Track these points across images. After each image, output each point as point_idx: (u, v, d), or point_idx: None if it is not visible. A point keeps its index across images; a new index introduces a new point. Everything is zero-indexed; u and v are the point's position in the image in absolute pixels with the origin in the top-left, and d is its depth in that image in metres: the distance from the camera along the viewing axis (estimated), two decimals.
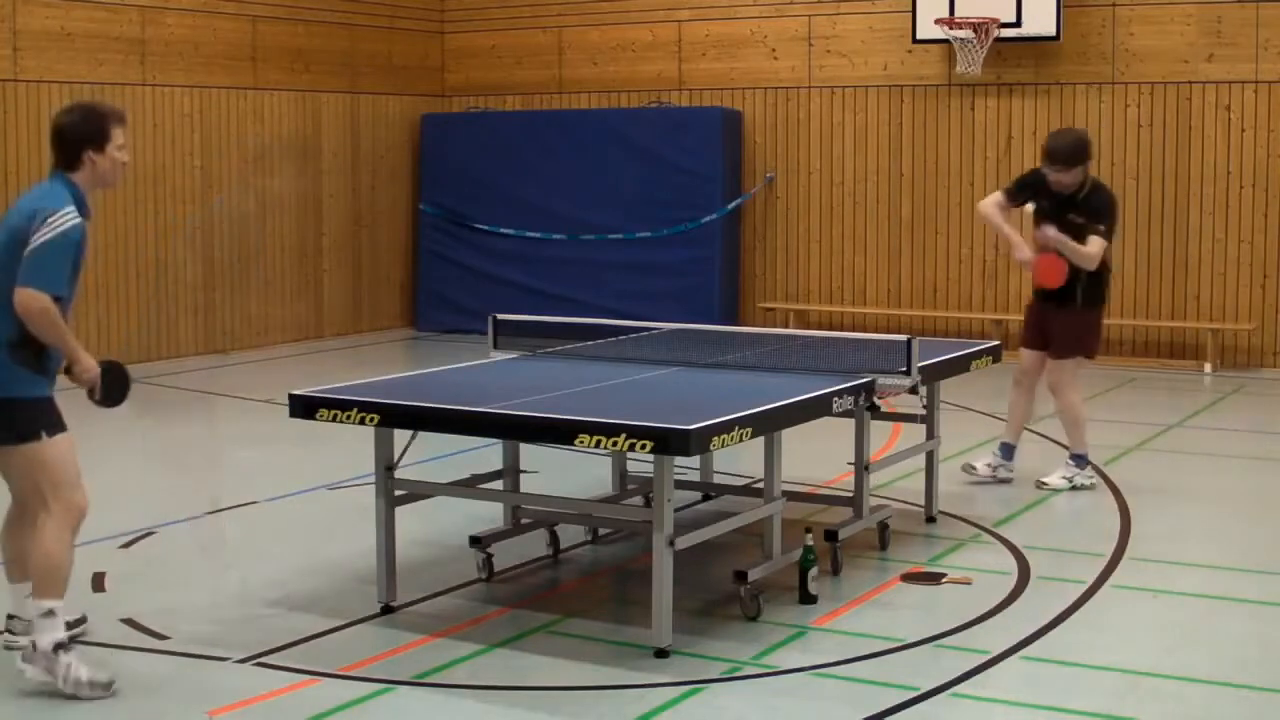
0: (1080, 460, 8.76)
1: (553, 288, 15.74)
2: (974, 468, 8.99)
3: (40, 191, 5.63)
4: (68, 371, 5.65)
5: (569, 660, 5.89)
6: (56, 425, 5.56)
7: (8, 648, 5.89)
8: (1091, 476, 8.82)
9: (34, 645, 5.50)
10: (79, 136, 5.61)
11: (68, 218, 5.46)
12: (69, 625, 5.89)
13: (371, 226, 16.55)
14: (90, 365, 5.64)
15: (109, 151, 5.64)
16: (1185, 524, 8.17)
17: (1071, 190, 8.54)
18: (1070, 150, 8.49)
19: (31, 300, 5.35)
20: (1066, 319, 8.69)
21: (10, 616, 5.97)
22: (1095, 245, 8.48)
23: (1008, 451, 9.05)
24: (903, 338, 6.94)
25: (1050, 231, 8.50)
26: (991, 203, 8.90)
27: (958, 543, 7.63)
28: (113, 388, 5.74)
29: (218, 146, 14.75)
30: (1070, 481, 8.72)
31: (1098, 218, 8.53)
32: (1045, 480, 8.73)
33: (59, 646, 5.48)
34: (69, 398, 5.74)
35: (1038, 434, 10.07)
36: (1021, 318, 9.04)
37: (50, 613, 5.48)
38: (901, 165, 15.00)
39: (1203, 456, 9.94)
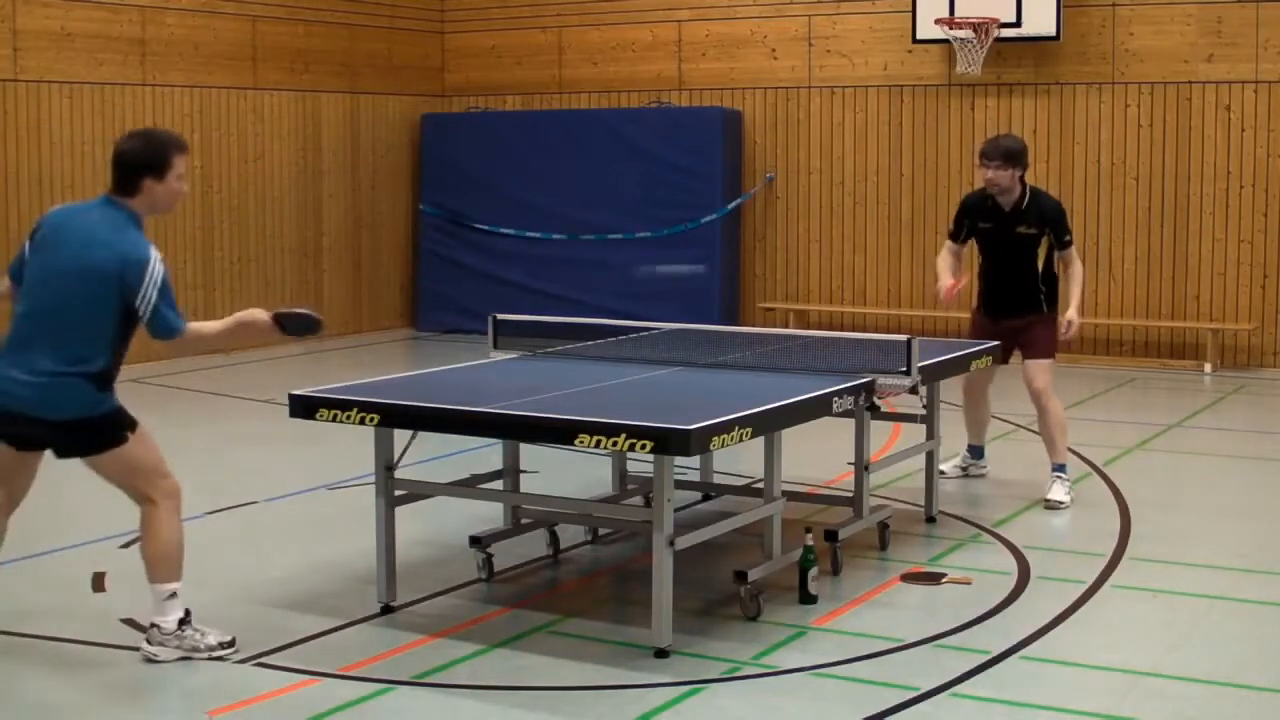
0: (1064, 469, 8.65)
1: (553, 288, 15.75)
2: (943, 471, 8.78)
3: (109, 225, 5.61)
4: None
5: (569, 660, 5.88)
6: (132, 423, 5.74)
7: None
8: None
9: (158, 630, 5.78)
10: (139, 164, 5.65)
11: (154, 259, 5.53)
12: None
13: (371, 226, 16.55)
14: (252, 320, 5.79)
15: (168, 180, 5.69)
16: (1185, 524, 8.17)
17: (1011, 200, 8.48)
18: (1005, 148, 8.42)
19: (177, 345, 5.62)
20: (1039, 325, 8.62)
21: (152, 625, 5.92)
22: (1076, 262, 8.62)
23: (977, 452, 9.11)
24: (903, 338, 6.93)
25: (1075, 323, 8.59)
26: (942, 258, 8.85)
27: (958, 543, 7.63)
28: (297, 327, 5.91)
29: (218, 146, 14.75)
30: (1068, 492, 8.59)
31: (1059, 228, 8.50)
32: (1053, 498, 8.43)
33: (183, 623, 5.80)
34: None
35: (1038, 434, 10.06)
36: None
37: (173, 595, 5.78)
38: (901, 165, 15.00)
39: (1203, 456, 9.94)
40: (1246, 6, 13.51)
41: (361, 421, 6.12)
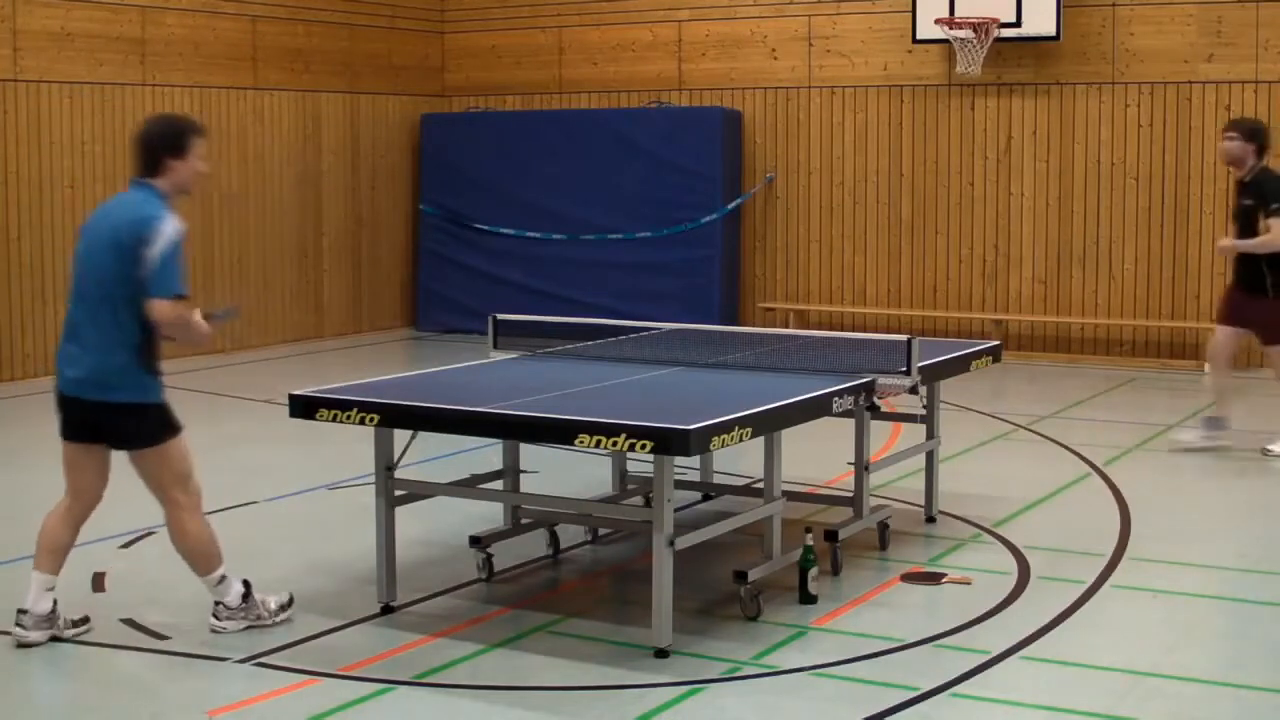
0: None
1: (553, 288, 15.75)
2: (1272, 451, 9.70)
3: (131, 202, 5.93)
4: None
5: (569, 660, 5.89)
6: (178, 425, 6.03)
7: (20, 645, 5.91)
8: None
9: (223, 607, 6.11)
10: (161, 144, 5.97)
11: (170, 222, 5.78)
12: (75, 624, 5.99)
13: (371, 226, 16.55)
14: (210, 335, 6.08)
15: (189, 159, 5.98)
16: (1185, 524, 8.17)
17: (1240, 172, 9.61)
18: (1249, 125, 9.74)
19: (166, 310, 5.73)
20: (1269, 307, 9.53)
21: (21, 611, 6.00)
22: (1273, 232, 9.39)
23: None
24: (903, 338, 6.93)
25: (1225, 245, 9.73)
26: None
27: (958, 543, 7.63)
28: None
29: (218, 146, 14.74)
30: None
31: (1268, 197, 9.42)
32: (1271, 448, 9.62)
33: (246, 596, 6.14)
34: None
35: (1038, 434, 10.08)
36: (1022, 317, 9.09)
37: (223, 578, 6.11)
38: (901, 165, 15.00)
39: (1203, 456, 9.93)
40: (1246, 6, 13.51)
41: (361, 421, 6.12)
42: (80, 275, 5.94)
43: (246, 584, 6.18)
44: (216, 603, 6.15)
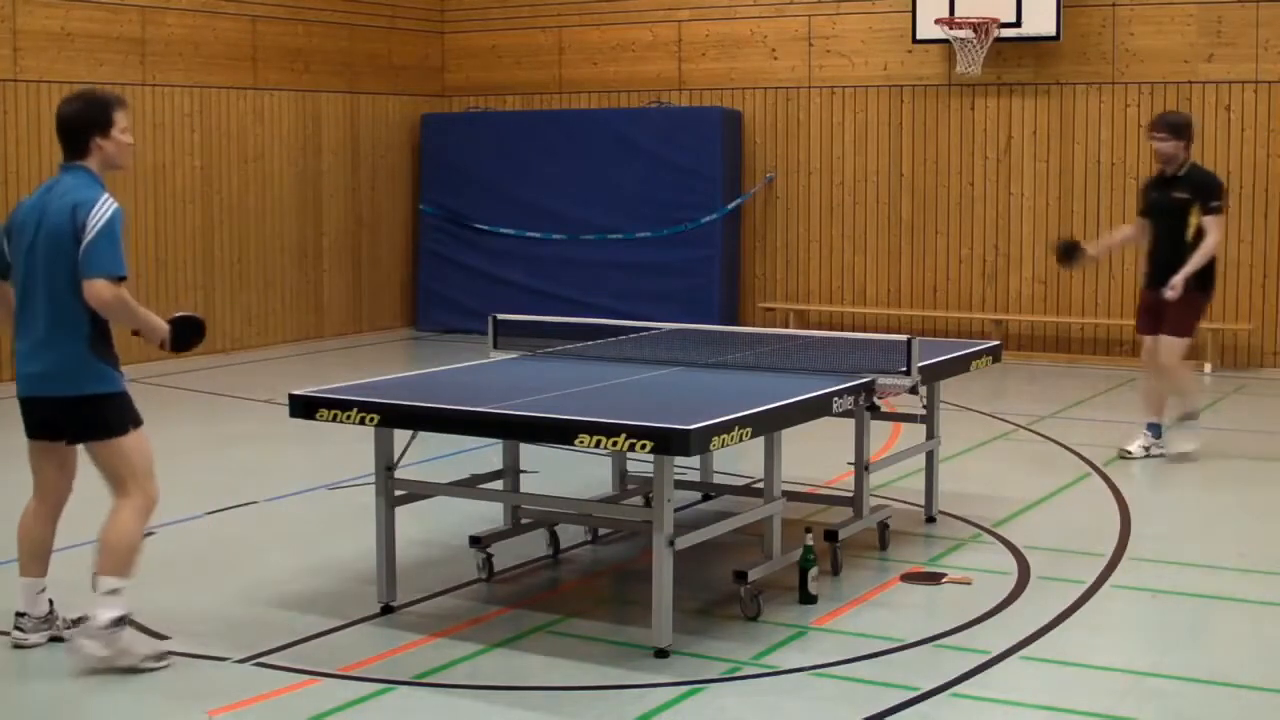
0: (1158, 430, 9.60)
1: (553, 288, 15.75)
2: (1130, 452, 9.54)
3: (66, 186, 5.76)
4: (135, 333, 5.89)
5: (569, 660, 5.88)
6: (138, 418, 5.84)
7: (16, 646, 5.91)
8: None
9: (89, 621, 5.66)
10: (84, 124, 5.80)
11: (108, 203, 5.66)
12: (73, 624, 5.94)
13: (371, 226, 16.55)
14: (160, 326, 5.86)
15: (114, 135, 5.81)
16: (1185, 524, 8.17)
17: (1173, 168, 9.34)
18: (1171, 120, 9.45)
19: (103, 290, 5.55)
20: (1178, 301, 9.27)
21: (19, 614, 5.98)
22: (1212, 233, 9.28)
23: (1157, 430, 9.67)
24: (903, 338, 6.93)
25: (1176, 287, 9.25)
26: (1120, 229, 9.80)
27: (958, 543, 7.63)
28: (183, 336, 5.98)
29: (218, 146, 14.75)
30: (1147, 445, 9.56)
31: (1208, 195, 9.34)
32: (1126, 447, 9.48)
33: (120, 621, 5.66)
34: None
35: (1038, 434, 10.07)
36: (1022, 317, 9.10)
37: (116, 591, 5.68)
38: (901, 165, 15.01)
39: (1202, 457, 9.93)
40: (1246, 6, 13.51)
41: (361, 421, 6.12)
42: (24, 271, 5.75)
43: (125, 615, 5.70)
44: (83, 616, 5.76)
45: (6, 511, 6.33)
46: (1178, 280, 9.17)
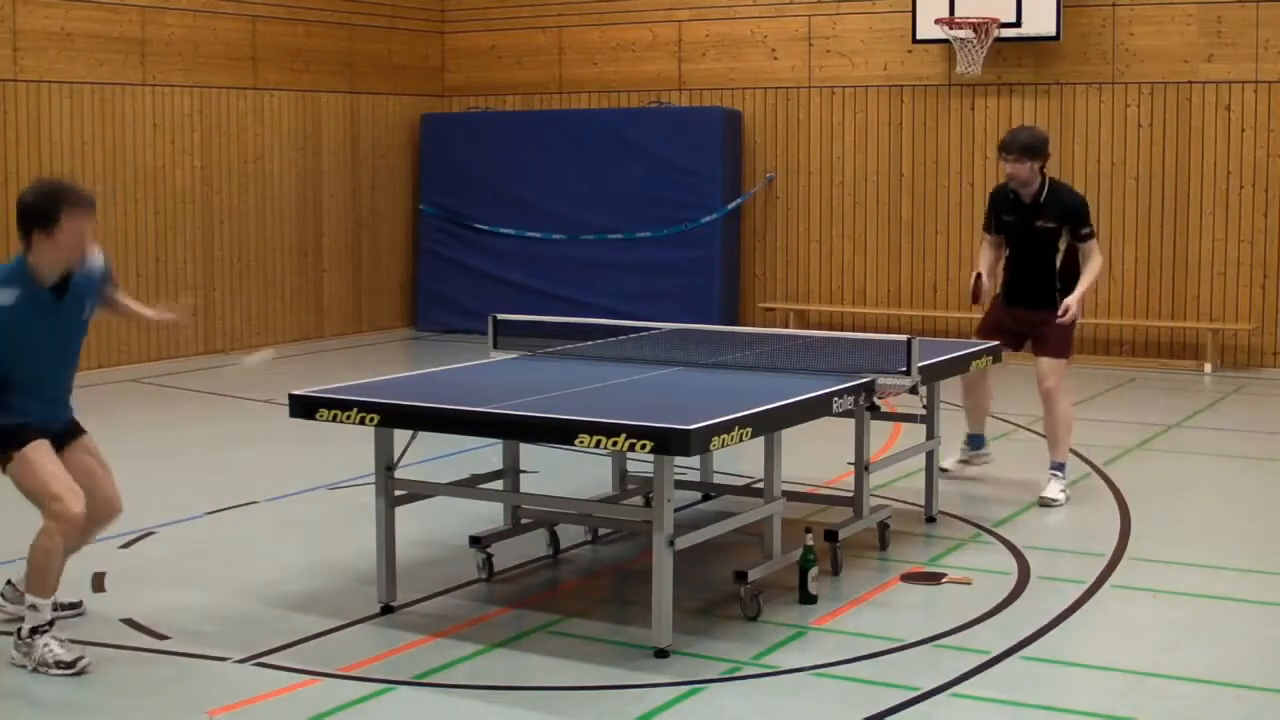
0: (1063, 469, 8.59)
1: (553, 288, 15.75)
2: (946, 469, 8.79)
3: None
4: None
5: (569, 660, 5.89)
6: (18, 441, 5.78)
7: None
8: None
9: (18, 633, 5.80)
10: (24, 214, 5.71)
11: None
12: (66, 607, 6.12)
13: (371, 226, 16.55)
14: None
15: (57, 237, 5.69)
16: (1185, 524, 8.17)
17: (1030, 193, 8.46)
18: (1024, 141, 8.35)
19: None
20: (1055, 322, 8.42)
21: (7, 582, 6.24)
22: (1096, 256, 8.44)
23: (978, 441, 9.12)
24: (903, 338, 6.93)
25: (1072, 310, 8.35)
26: (982, 252, 8.86)
27: (958, 543, 7.63)
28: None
29: (218, 146, 14.75)
30: (1064, 490, 8.52)
31: (1077, 221, 8.42)
32: (1048, 495, 8.39)
33: (35, 632, 5.71)
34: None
35: (1038, 434, 10.06)
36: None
37: (34, 607, 5.73)
38: (901, 165, 15.01)
39: (1202, 456, 9.94)
40: (1246, 6, 13.51)
41: (361, 421, 6.12)
42: None
43: (46, 625, 5.74)
44: (68, 605, 6.17)
45: (6, 511, 6.34)
46: (1073, 304, 8.32)
